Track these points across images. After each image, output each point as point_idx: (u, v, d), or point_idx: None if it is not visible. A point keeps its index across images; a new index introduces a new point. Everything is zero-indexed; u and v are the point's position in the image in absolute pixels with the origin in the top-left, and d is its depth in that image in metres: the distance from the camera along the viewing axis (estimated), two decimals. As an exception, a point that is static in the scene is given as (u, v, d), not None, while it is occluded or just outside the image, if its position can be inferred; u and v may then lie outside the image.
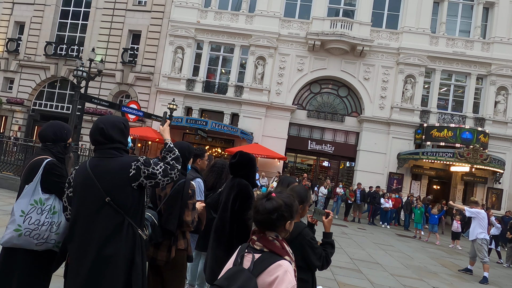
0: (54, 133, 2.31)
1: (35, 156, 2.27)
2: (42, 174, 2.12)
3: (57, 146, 2.31)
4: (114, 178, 1.84)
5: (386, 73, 18.31)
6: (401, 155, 17.28)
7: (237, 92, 18.78)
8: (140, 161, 1.89)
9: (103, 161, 1.88)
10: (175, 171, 1.97)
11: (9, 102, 20.15)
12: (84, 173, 1.88)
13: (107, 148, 1.91)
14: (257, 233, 1.44)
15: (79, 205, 1.87)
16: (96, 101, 8.99)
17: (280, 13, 18.93)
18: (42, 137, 2.33)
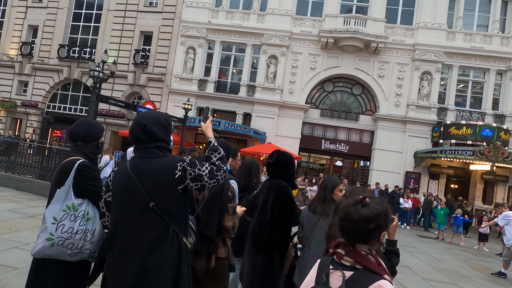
0: (85, 132, 2.13)
1: (66, 157, 2.09)
2: (74, 176, 1.94)
3: (88, 146, 2.13)
4: (158, 180, 1.67)
5: (402, 70, 17.91)
6: (418, 154, 16.87)
7: (249, 91, 18.60)
8: (185, 162, 1.73)
9: (145, 162, 1.71)
10: (221, 173, 1.80)
11: (23, 105, 20.35)
12: (124, 175, 1.71)
13: (149, 147, 1.74)
14: (344, 245, 1.21)
15: (120, 211, 1.70)
16: (113, 101, 8.91)
17: (292, 11, 18.69)
18: (72, 137, 2.15)
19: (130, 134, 1.81)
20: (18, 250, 4.05)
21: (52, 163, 8.47)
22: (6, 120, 20.66)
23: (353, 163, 19.73)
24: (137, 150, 1.78)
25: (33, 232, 4.89)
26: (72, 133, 2.15)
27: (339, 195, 2.57)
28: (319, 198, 2.58)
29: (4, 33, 21.37)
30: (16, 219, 5.52)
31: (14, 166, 9.11)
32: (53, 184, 2.05)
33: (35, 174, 8.82)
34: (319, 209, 2.53)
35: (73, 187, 1.94)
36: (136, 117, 1.82)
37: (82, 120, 2.21)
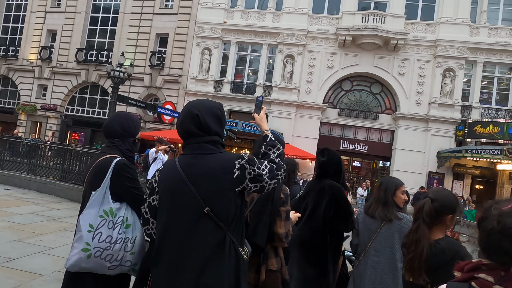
0: (122, 127, 1.91)
1: (100, 155, 1.87)
2: (111, 177, 1.73)
3: (125, 142, 1.92)
4: (214, 181, 1.44)
5: (423, 67, 17.36)
6: (441, 154, 16.29)
7: (266, 91, 18.38)
8: (244, 159, 1.49)
9: (198, 159, 1.48)
10: (281, 172, 1.54)
11: (43, 108, 20.69)
12: (173, 175, 1.48)
13: (202, 142, 1.51)
14: (491, 269, 0.91)
15: (168, 218, 1.46)
16: (132, 102, 8.83)
17: (308, 9, 18.40)
18: (108, 132, 1.94)
19: (179, 127, 1.57)
20: (43, 255, 3.93)
21: (73, 165, 8.43)
22: (26, 123, 21.04)
23: (372, 164, 19.24)
24: (187, 146, 1.55)
25: (57, 235, 4.79)
26: (107, 129, 1.93)
27: (401, 197, 2.30)
28: (378, 201, 2.29)
29: (24, 38, 21.80)
30: (39, 222, 5.45)
31: (36, 168, 9.14)
32: (87, 186, 1.82)
33: (56, 176, 8.82)
34: (379, 213, 2.25)
35: (110, 189, 1.72)
36: (185, 107, 1.59)
37: (118, 114, 1.99)
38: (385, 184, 2.35)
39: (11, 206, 6.34)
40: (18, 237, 4.47)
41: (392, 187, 2.31)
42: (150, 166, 6.75)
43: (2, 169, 9.58)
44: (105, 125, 1.95)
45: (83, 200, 1.82)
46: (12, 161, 9.84)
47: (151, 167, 6.74)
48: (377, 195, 2.32)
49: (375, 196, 2.35)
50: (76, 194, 7.91)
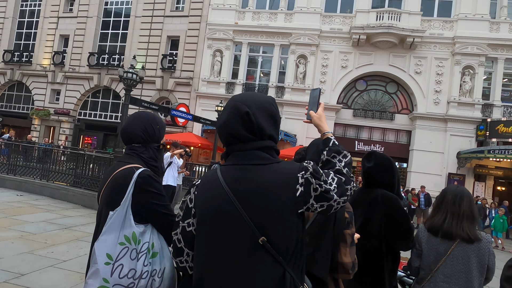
0: (144, 130, 1.55)
1: (119, 164, 1.51)
2: (133, 193, 1.39)
3: (148, 149, 1.56)
4: (271, 201, 1.09)
5: (440, 65, 16.80)
6: (461, 154, 15.69)
7: (278, 93, 18.08)
8: (309, 170, 1.13)
9: (249, 172, 1.13)
10: (351, 186, 1.20)
11: (56, 113, 20.81)
12: (216, 193, 1.14)
13: (254, 149, 1.16)
14: None
15: (211, 250, 1.13)
16: (146, 104, 8.64)
17: (320, 8, 18.04)
18: (127, 137, 1.57)
19: (222, 129, 1.22)
20: (54, 269, 3.70)
21: (86, 170, 8.27)
22: (40, 128, 21.20)
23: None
24: (233, 154, 1.19)
25: (70, 246, 4.57)
26: (127, 132, 1.57)
27: None
28: (457, 215, 1.90)
29: (38, 43, 22.00)
30: (51, 231, 5.25)
31: (49, 173, 9.03)
32: (102, 203, 1.47)
33: (69, 182, 8.69)
34: (458, 230, 1.86)
35: (132, 208, 1.38)
36: (229, 102, 1.23)
37: (138, 115, 1.61)
38: (464, 194, 1.95)
39: (23, 214, 6.18)
40: (29, 248, 4.26)
41: (471, 198, 1.95)
42: (165, 171, 6.51)
43: (15, 175, 9.51)
44: (124, 128, 1.58)
45: (98, 221, 1.47)
46: (25, 166, 9.76)
47: (166, 172, 6.49)
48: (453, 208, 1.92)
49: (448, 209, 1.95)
50: (89, 200, 7.75)
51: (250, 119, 1.15)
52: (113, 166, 1.56)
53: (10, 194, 8.12)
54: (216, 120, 14.05)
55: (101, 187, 1.53)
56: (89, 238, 5.05)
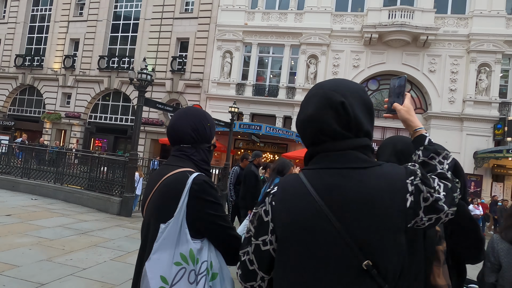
0: (194, 128, 1.35)
1: (168, 168, 1.30)
2: (188, 202, 1.18)
3: (199, 150, 1.36)
4: (375, 215, 0.86)
5: (455, 63, 16.43)
6: (478, 154, 15.29)
7: (289, 94, 17.88)
8: (418, 175, 0.91)
9: (344, 177, 0.90)
10: (458, 193, 0.96)
11: (67, 116, 20.91)
12: (305, 203, 0.91)
13: (350, 148, 0.94)
14: None
15: (299, 275, 0.90)
16: (160, 106, 8.53)
17: (331, 7, 17.81)
18: (175, 136, 1.36)
19: (307, 123, 0.98)
20: (75, 278, 3.57)
21: (101, 173, 8.17)
22: (51, 131, 21.32)
23: (403, 166, 18.33)
24: (321, 155, 0.96)
25: (88, 252, 4.44)
26: (175, 131, 1.36)
27: None
28: None
29: (48, 48, 22.17)
30: (68, 236, 5.14)
31: (63, 177, 8.97)
32: (149, 214, 1.27)
33: (83, 185, 8.61)
34: None
35: (187, 220, 1.17)
36: (316, 89, 1.00)
37: (187, 111, 1.40)
38: None
39: (39, 218, 6.09)
40: (47, 255, 4.14)
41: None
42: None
43: (29, 178, 9.48)
44: (172, 126, 1.38)
45: (145, 236, 1.26)
46: (38, 170, 9.73)
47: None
48: None
49: None
50: (104, 204, 7.65)
51: (346, 111, 0.92)
52: (160, 170, 1.35)
53: (25, 198, 8.07)
54: (229, 122, 13.89)
55: (147, 195, 1.33)
56: (107, 244, 4.92)
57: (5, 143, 12.08)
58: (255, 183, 4.74)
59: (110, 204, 7.48)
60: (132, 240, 5.34)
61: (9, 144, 11.95)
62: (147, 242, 1.22)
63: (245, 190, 4.86)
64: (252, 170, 4.83)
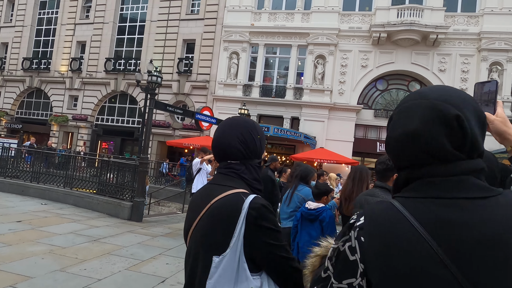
0: (243, 141, 1.16)
1: (218, 190, 1.12)
2: (245, 230, 1.01)
3: (249, 167, 1.17)
4: (503, 260, 0.65)
5: (466, 62, 16.17)
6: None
7: (297, 94, 17.72)
8: None
9: (462, 211, 0.69)
10: None
11: (74, 118, 20.94)
12: (409, 243, 0.69)
13: (464, 173, 0.73)
14: None
15: None
16: (171, 108, 8.43)
17: (338, 7, 17.63)
18: (221, 150, 1.19)
19: (408, 141, 0.76)
20: (91, 290, 3.46)
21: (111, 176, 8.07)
22: (59, 134, 21.37)
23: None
24: (427, 181, 0.74)
25: (102, 261, 4.33)
26: (221, 145, 1.19)
27: None
28: None
29: (55, 50, 22.23)
30: (81, 244, 5.03)
31: (72, 181, 8.89)
32: (197, 244, 1.09)
33: (93, 189, 8.52)
34: None
35: (244, 252, 1.01)
36: (417, 98, 0.78)
37: (233, 122, 1.22)
38: None
39: (50, 225, 6.01)
40: (60, 265, 4.03)
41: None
42: (194, 178, 6.24)
43: (39, 183, 9.42)
44: (217, 139, 1.20)
45: (192, 270, 1.09)
46: (48, 174, 9.67)
47: (195, 179, 6.22)
48: None
49: None
50: (114, 209, 7.56)
51: (462, 128, 0.72)
52: (207, 191, 1.17)
53: (35, 203, 8.01)
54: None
55: (191, 219, 1.15)
56: (120, 252, 4.81)
57: (14, 146, 12.07)
58: (272, 189, 4.60)
59: (120, 209, 7.39)
60: (145, 247, 5.23)
61: (18, 147, 11.94)
62: (196, 278, 1.06)
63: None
64: (268, 174, 4.69)
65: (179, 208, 10.63)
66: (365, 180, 2.94)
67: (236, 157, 1.16)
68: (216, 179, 1.20)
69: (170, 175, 14.88)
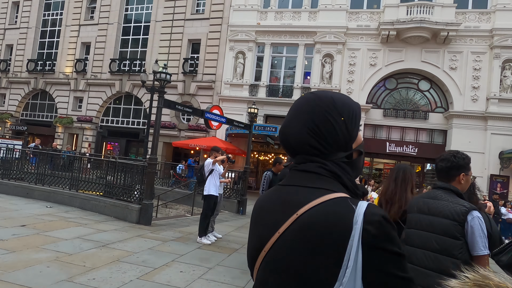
0: (314, 129, 0.81)
1: (304, 193, 0.78)
2: (363, 253, 0.68)
3: (337, 165, 0.81)
4: None
5: (478, 59, 15.79)
6: (504, 154, 14.62)
7: (304, 94, 17.39)
8: None
9: None
10: None
11: (79, 120, 20.78)
12: None
13: None
14: None
15: None
16: (180, 107, 8.17)
17: (346, 5, 17.33)
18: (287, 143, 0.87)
19: None
20: (101, 302, 3.18)
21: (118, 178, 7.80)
22: (63, 135, 21.21)
23: (424, 166, 17.70)
24: None
25: (111, 270, 4.05)
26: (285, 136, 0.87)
27: None
28: None
29: (60, 52, 22.11)
30: (88, 250, 4.76)
31: (78, 183, 8.65)
32: (280, 277, 0.74)
33: (99, 191, 8.27)
34: None
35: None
36: None
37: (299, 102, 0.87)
38: None
39: (56, 229, 5.75)
40: (67, 274, 3.76)
41: None
42: (206, 180, 5.94)
43: (44, 185, 9.19)
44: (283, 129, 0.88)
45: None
46: (53, 176, 9.44)
47: (208, 181, 5.92)
48: None
49: None
50: (122, 212, 7.29)
51: None
52: (282, 195, 0.82)
53: (40, 206, 7.77)
54: (248, 123, 13.42)
55: (262, 239, 0.80)
56: (130, 259, 4.54)
57: (19, 148, 11.88)
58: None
59: (128, 212, 7.12)
60: (157, 253, 4.95)
61: (22, 149, 11.74)
62: None
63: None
64: (288, 176, 4.39)
65: (187, 210, 10.36)
66: (410, 181, 2.64)
67: (308, 152, 0.82)
68: (293, 179, 0.84)
69: (176, 176, 14.61)
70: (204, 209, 5.94)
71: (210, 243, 5.87)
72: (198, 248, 5.51)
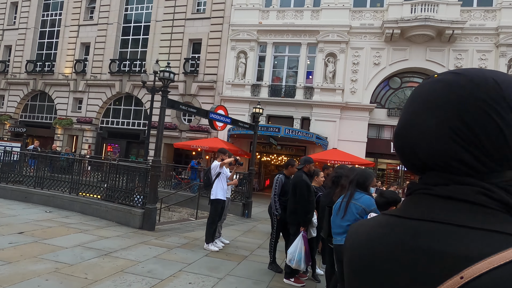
0: (463, 133, 0.50)
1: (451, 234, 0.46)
2: None
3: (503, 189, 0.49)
4: None
5: (483, 58, 15.56)
6: None
7: (307, 94, 17.16)
8: None
9: None
10: None
11: (79, 121, 20.51)
12: None
13: None
14: None
15: None
16: (184, 107, 7.91)
17: (349, 3, 17.09)
18: (411, 153, 0.55)
19: None
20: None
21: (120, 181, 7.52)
22: (63, 137, 20.94)
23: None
24: None
25: (115, 283, 3.79)
26: (407, 143, 0.56)
27: None
28: None
29: (59, 52, 21.84)
30: (90, 259, 4.50)
31: (78, 186, 8.38)
32: None
33: (100, 194, 7.99)
34: None
35: None
36: None
37: (432, 88, 0.54)
38: None
39: (55, 236, 5.49)
40: None
41: None
42: (213, 183, 5.68)
43: (43, 188, 8.92)
44: (399, 131, 0.58)
45: None
46: (52, 179, 9.16)
47: (215, 185, 5.66)
48: None
49: None
50: (124, 216, 7.03)
51: None
52: (418, 235, 0.49)
53: (39, 211, 7.51)
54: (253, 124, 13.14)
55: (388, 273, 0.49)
56: (135, 269, 4.27)
57: (17, 150, 11.60)
58: (308, 195, 4.06)
59: (131, 217, 6.86)
60: (163, 262, 4.68)
61: (21, 151, 11.46)
62: None
63: (295, 203, 4.17)
64: (303, 179, 4.15)
65: (191, 213, 10.10)
66: None
67: (451, 169, 0.51)
68: (428, 209, 0.51)
69: (178, 178, 14.34)
70: (211, 214, 5.68)
71: (218, 250, 5.61)
72: (205, 255, 5.25)
